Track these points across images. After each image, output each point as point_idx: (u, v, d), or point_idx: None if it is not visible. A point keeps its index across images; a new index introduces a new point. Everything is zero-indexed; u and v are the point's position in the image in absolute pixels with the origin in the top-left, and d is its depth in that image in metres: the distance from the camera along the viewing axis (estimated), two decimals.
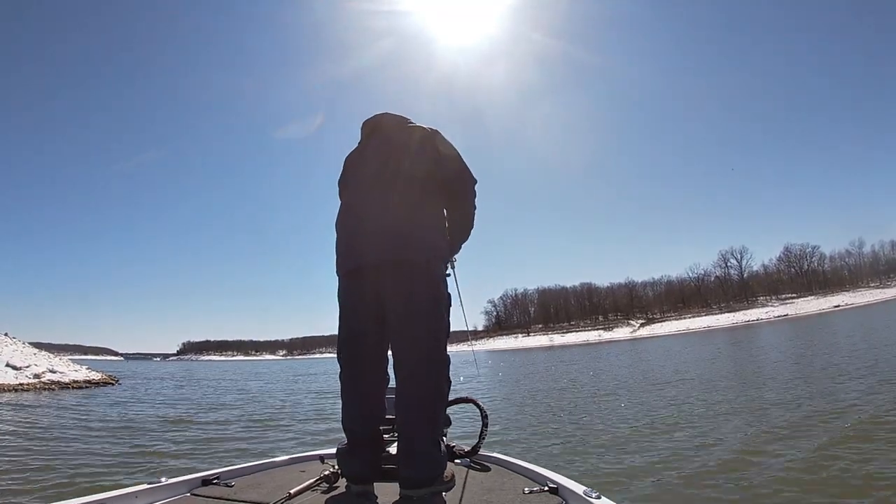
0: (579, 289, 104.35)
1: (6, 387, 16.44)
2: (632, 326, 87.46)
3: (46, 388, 17.52)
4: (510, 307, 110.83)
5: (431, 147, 1.74)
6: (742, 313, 75.11)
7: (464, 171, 1.81)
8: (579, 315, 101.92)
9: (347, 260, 1.68)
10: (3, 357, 19.13)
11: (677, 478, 4.05)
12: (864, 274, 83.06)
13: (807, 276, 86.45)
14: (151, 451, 6.25)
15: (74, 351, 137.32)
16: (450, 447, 1.98)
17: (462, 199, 1.84)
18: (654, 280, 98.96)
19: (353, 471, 1.60)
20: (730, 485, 3.77)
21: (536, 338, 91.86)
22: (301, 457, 2.04)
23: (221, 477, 1.65)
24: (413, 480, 1.51)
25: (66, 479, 4.85)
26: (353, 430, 1.64)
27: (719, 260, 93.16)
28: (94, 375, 20.99)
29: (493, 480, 1.70)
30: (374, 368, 1.67)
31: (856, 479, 3.62)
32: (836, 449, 4.39)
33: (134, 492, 1.41)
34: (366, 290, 1.63)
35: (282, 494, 1.40)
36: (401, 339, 1.61)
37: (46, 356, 22.32)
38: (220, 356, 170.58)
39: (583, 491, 1.39)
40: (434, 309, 1.63)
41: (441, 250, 1.73)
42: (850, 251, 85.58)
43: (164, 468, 5.33)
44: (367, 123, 1.89)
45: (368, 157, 1.80)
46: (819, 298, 73.54)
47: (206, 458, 5.84)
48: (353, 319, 1.67)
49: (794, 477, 3.78)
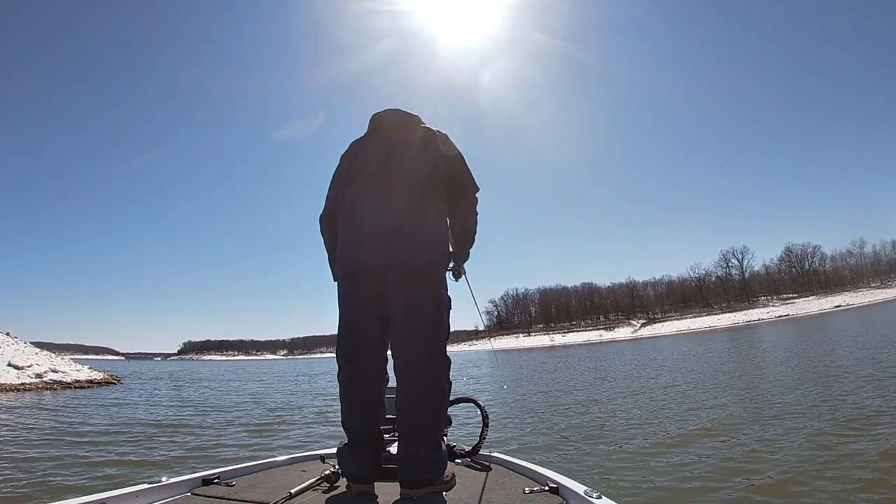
0: (580, 289, 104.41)
1: (8, 386, 16.45)
2: (633, 326, 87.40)
3: (48, 387, 17.54)
4: (511, 307, 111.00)
5: (433, 148, 1.72)
6: (743, 313, 75.05)
7: (465, 174, 1.78)
8: (580, 315, 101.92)
9: (348, 262, 1.66)
10: (5, 357, 19.16)
11: (678, 478, 4.04)
12: (865, 274, 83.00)
13: (808, 276, 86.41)
14: (153, 451, 6.26)
15: (75, 350, 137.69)
16: (450, 447, 1.99)
17: (462, 203, 1.81)
18: (655, 280, 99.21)
19: (353, 470, 1.60)
20: (731, 485, 3.77)
21: (538, 338, 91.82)
22: (302, 456, 2.04)
23: (222, 476, 1.65)
24: (413, 480, 1.51)
25: (67, 479, 4.86)
26: (354, 429, 1.64)
27: (720, 260, 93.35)
28: (96, 375, 21.01)
29: (494, 480, 1.70)
30: (375, 368, 1.67)
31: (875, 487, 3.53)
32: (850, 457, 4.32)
33: (134, 491, 1.41)
34: (367, 291, 1.63)
35: (282, 494, 1.41)
36: (401, 339, 1.61)
37: (48, 356, 22.35)
38: (220, 356, 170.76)
39: (583, 491, 1.39)
40: (435, 310, 1.63)
41: (442, 252, 1.71)
42: (852, 251, 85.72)
43: (165, 468, 5.34)
44: (374, 118, 1.86)
45: (370, 155, 1.77)
46: (820, 298, 73.50)
47: (206, 457, 5.84)
48: (354, 320, 1.67)
49: (797, 479, 3.77)
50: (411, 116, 1.83)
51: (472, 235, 1.90)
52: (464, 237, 1.89)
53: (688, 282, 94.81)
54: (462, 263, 1.96)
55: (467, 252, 1.94)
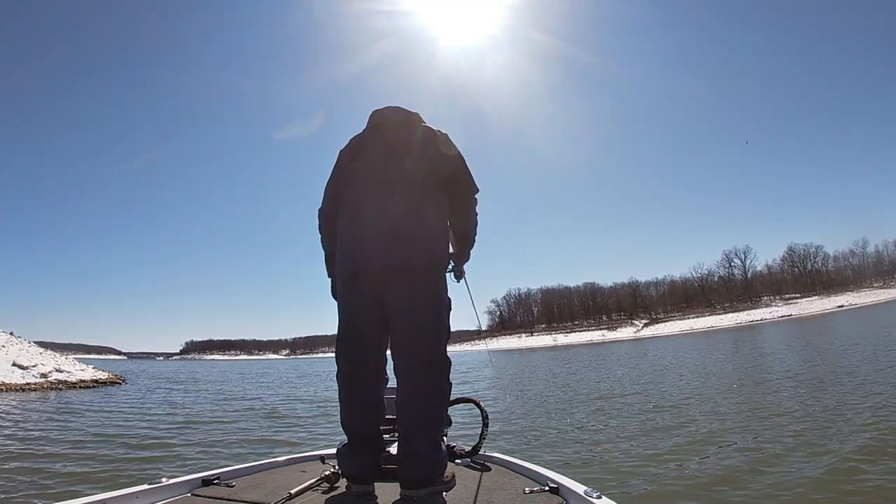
0: (583, 288, 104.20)
1: (13, 386, 16.47)
2: (635, 326, 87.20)
3: (53, 387, 17.56)
4: (513, 307, 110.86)
5: (433, 147, 1.72)
6: (746, 313, 74.78)
7: (465, 175, 1.78)
8: (583, 315, 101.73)
9: (348, 263, 1.66)
10: (10, 356, 19.22)
11: (678, 478, 4.03)
12: (867, 274, 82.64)
13: (810, 276, 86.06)
14: (153, 451, 6.27)
15: (77, 350, 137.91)
16: (450, 447, 1.99)
17: (463, 203, 1.80)
18: (657, 280, 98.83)
19: (353, 471, 1.60)
20: (732, 486, 3.75)
21: (540, 338, 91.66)
22: (301, 457, 2.05)
23: (222, 477, 1.66)
24: (413, 481, 1.51)
25: (68, 479, 4.87)
26: (354, 430, 1.64)
27: (723, 260, 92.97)
28: (100, 375, 21.05)
29: (494, 480, 1.70)
30: (374, 369, 1.67)
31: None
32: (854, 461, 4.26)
33: (135, 492, 1.42)
34: (366, 291, 1.62)
35: (282, 494, 1.41)
36: (402, 340, 1.61)
37: (52, 355, 22.43)
38: (223, 355, 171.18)
39: (583, 491, 1.39)
40: (435, 311, 1.63)
41: (442, 253, 1.71)
42: (854, 251, 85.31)
43: (166, 468, 5.35)
44: (374, 115, 1.84)
45: (369, 155, 1.76)
46: (823, 299, 73.17)
47: (207, 458, 5.85)
48: (354, 320, 1.67)
49: (799, 481, 3.76)
50: (412, 115, 1.82)
51: (472, 236, 1.90)
52: (464, 238, 1.89)
53: (690, 282, 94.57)
54: (462, 264, 1.95)
55: (468, 253, 1.94)
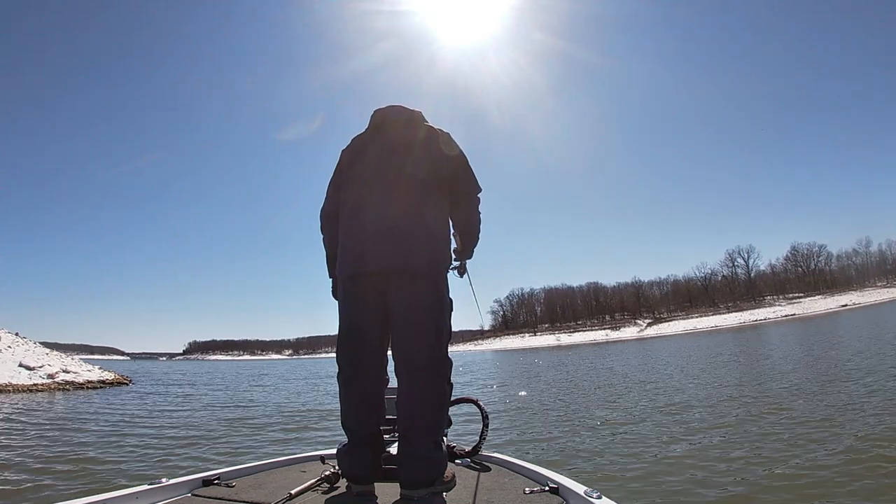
0: (586, 288, 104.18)
1: (20, 387, 16.42)
2: (639, 326, 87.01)
3: (61, 388, 17.47)
4: (517, 307, 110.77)
5: (435, 147, 1.71)
6: (749, 313, 74.57)
7: (467, 174, 1.78)
8: (586, 314, 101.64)
9: (350, 264, 1.66)
10: (16, 357, 19.23)
11: (679, 478, 4.02)
12: (871, 273, 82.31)
13: (814, 275, 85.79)
14: (153, 451, 6.28)
15: (81, 350, 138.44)
16: (450, 447, 1.99)
17: (465, 203, 1.80)
18: (660, 279, 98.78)
19: (353, 471, 1.60)
20: (732, 486, 3.74)
21: (543, 337, 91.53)
22: (302, 457, 2.05)
23: (222, 477, 1.66)
24: (414, 481, 1.51)
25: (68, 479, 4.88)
26: (354, 430, 1.64)
27: (726, 259, 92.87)
28: (107, 375, 20.98)
29: (494, 480, 1.70)
30: (375, 369, 1.68)
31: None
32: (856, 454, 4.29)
33: (135, 492, 1.42)
34: (367, 292, 1.63)
35: (283, 495, 1.41)
36: (402, 340, 1.61)
37: (59, 356, 22.43)
38: (226, 355, 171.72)
39: (584, 491, 1.39)
40: (436, 312, 1.63)
41: (444, 253, 1.71)
42: (857, 250, 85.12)
43: (167, 468, 5.36)
44: (376, 114, 1.84)
45: (371, 155, 1.75)
46: (826, 298, 72.85)
47: (207, 458, 5.86)
48: (354, 321, 1.67)
49: (800, 481, 3.74)
50: (414, 114, 1.82)
51: (476, 234, 1.90)
52: (467, 237, 1.89)
53: (693, 281, 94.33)
54: (465, 261, 1.96)
55: (471, 251, 1.94)
